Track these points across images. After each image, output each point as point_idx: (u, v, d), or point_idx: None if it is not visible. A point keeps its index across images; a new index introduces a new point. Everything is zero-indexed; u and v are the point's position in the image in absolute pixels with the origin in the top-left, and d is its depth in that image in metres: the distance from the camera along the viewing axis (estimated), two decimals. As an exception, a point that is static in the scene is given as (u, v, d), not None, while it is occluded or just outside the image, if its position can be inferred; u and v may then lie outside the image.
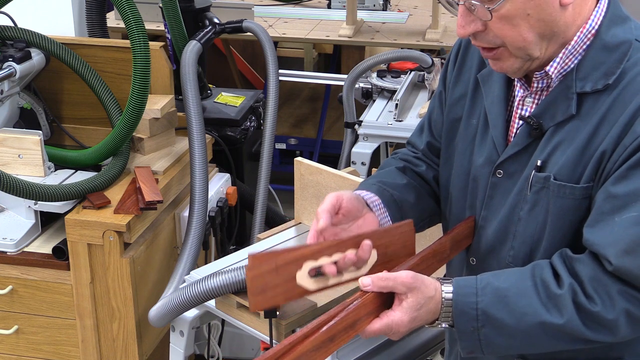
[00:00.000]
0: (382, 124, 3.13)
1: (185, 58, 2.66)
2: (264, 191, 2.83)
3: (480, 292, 1.41)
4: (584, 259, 1.41)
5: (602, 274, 1.38)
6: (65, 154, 2.56)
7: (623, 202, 1.36)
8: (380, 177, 1.67)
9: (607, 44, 1.42)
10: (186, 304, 2.10)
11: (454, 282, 1.44)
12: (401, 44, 3.81)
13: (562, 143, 1.44)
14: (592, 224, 1.41)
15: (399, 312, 1.39)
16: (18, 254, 2.37)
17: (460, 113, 1.62)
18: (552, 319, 1.39)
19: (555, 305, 1.39)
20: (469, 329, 1.42)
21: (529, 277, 1.42)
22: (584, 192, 1.42)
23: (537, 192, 1.46)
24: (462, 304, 1.41)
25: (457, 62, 1.65)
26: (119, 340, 2.40)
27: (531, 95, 1.50)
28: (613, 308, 1.38)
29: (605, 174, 1.40)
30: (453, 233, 1.57)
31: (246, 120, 3.03)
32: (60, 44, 2.63)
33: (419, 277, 1.41)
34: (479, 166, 1.56)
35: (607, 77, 1.41)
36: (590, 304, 1.38)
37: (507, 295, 1.41)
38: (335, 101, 4.19)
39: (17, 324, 2.45)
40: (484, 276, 1.45)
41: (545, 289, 1.40)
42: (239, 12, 3.73)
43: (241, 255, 2.29)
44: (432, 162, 1.73)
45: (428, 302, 1.40)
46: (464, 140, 1.60)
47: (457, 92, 1.63)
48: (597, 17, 1.44)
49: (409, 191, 1.65)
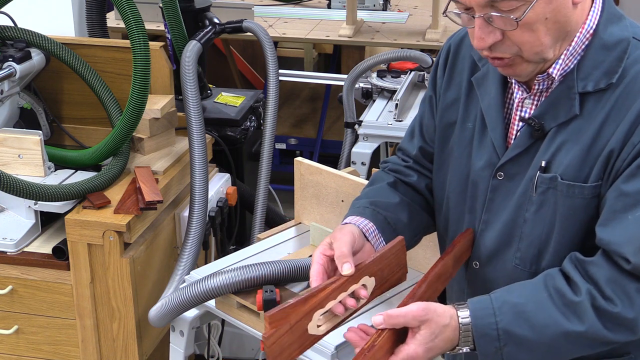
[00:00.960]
0: (382, 124, 3.13)
1: (185, 58, 2.66)
2: (264, 191, 2.83)
3: (497, 311, 1.40)
4: (597, 262, 1.40)
5: (618, 274, 1.38)
6: (65, 154, 2.56)
7: (635, 199, 1.37)
8: (372, 196, 1.64)
9: (606, 43, 1.42)
10: (186, 304, 2.10)
11: (470, 306, 1.42)
12: (401, 44, 3.81)
13: (566, 143, 1.43)
14: (605, 222, 1.40)
15: (413, 345, 1.37)
16: (18, 254, 2.37)
17: (454, 117, 1.61)
18: (574, 327, 1.38)
19: (575, 313, 1.38)
20: (492, 350, 1.40)
21: (543, 289, 1.41)
22: (593, 191, 1.42)
23: (543, 192, 1.45)
24: (482, 326, 1.40)
25: (448, 66, 1.64)
26: (119, 340, 2.40)
27: (530, 97, 1.49)
28: (632, 307, 1.37)
29: (614, 172, 1.40)
30: (454, 250, 1.56)
31: (246, 120, 3.03)
32: (60, 44, 2.63)
33: (431, 308, 1.39)
34: (478, 169, 1.55)
35: (610, 76, 1.41)
36: (610, 305, 1.37)
37: (526, 311, 1.40)
38: (335, 101, 4.19)
39: (17, 324, 2.45)
40: (498, 294, 1.44)
41: (562, 298, 1.40)
42: (239, 12, 3.73)
43: (241, 255, 2.30)
44: (424, 168, 1.71)
45: (443, 331, 1.39)
46: (460, 144, 1.59)
47: (450, 97, 1.62)
48: (594, 17, 1.44)
49: (402, 210, 1.63)
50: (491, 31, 1.39)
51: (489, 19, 1.38)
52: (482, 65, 1.57)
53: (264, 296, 1.94)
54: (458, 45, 1.63)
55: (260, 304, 1.94)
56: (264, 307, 1.94)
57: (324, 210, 2.31)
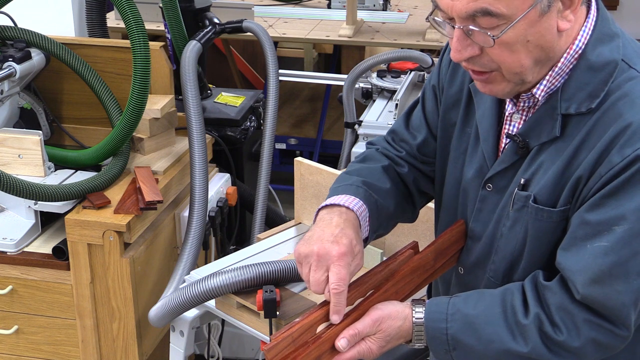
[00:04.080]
0: (382, 124, 3.13)
1: (185, 58, 2.66)
2: (264, 191, 2.83)
3: (450, 317, 1.44)
4: (553, 287, 1.41)
5: (569, 303, 1.39)
6: (65, 154, 2.56)
7: (595, 230, 1.36)
8: (364, 176, 1.62)
9: (593, 65, 1.39)
10: (186, 304, 2.10)
11: (427, 306, 1.47)
12: (401, 44, 3.81)
13: (545, 163, 1.43)
14: (565, 247, 1.41)
15: (369, 343, 1.44)
16: (18, 254, 2.37)
17: (454, 119, 1.60)
18: (518, 347, 1.40)
19: (521, 334, 1.41)
20: (442, 350, 1.46)
21: (499, 304, 1.44)
22: (561, 215, 1.42)
23: (518, 209, 1.46)
24: (433, 329, 1.45)
25: (452, 61, 1.63)
26: (119, 340, 2.41)
27: (518, 112, 1.48)
28: (578, 337, 1.38)
29: (581, 199, 1.39)
30: (437, 243, 1.57)
31: (246, 120, 3.03)
32: (60, 44, 2.63)
33: (385, 312, 1.44)
34: (469, 179, 1.55)
35: (592, 99, 1.38)
36: (556, 332, 1.39)
37: (475, 323, 1.43)
38: (335, 101, 4.19)
39: (17, 324, 2.45)
40: (455, 300, 1.47)
41: (514, 316, 1.42)
42: (239, 12, 3.73)
43: (241, 255, 2.30)
44: (418, 161, 1.69)
45: (397, 331, 1.45)
46: (457, 149, 1.59)
47: (452, 93, 1.61)
48: (584, 37, 1.40)
49: (391, 197, 1.63)
50: (469, 44, 1.37)
51: (469, 32, 1.35)
52: None
53: (264, 296, 1.94)
54: None
55: (260, 304, 1.94)
56: (264, 308, 1.94)
57: (324, 210, 2.31)
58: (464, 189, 1.57)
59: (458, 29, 1.36)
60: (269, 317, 1.94)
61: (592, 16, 1.42)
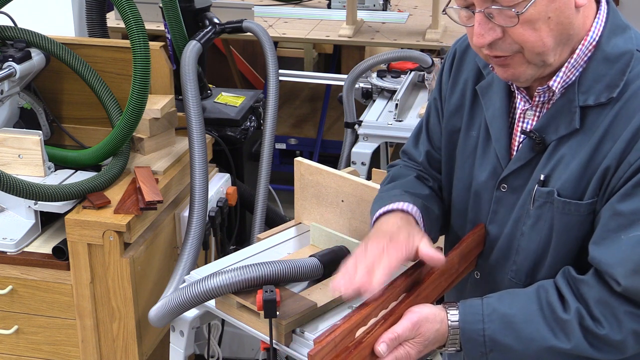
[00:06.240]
0: (382, 124, 3.13)
1: (185, 58, 2.66)
2: (264, 191, 2.83)
3: (486, 318, 1.42)
4: (589, 281, 1.39)
5: (608, 296, 1.37)
6: (65, 154, 2.56)
7: (629, 220, 1.35)
8: (403, 187, 1.63)
9: (608, 56, 1.40)
10: (186, 304, 2.09)
11: (460, 308, 1.44)
12: (401, 44, 3.81)
13: (565, 157, 1.42)
14: (598, 241, 1.39)
15: (408, 347, 1.42)
16: (18, 254, 2.37)
17: (458, 125, 1.60)
18: (560, 343, 1.39)
19: (562, 330, 1.39)
20: (477, 353, 1.43)
21: (535, 301, 1.42)
22: (589, 208, 1.41)
23: (540, 206, 1.45)
24: (470, 331, 1.42)
25: (453, 71, 1.62)
26: (119, 340, 2.40)
27: (532, 109, 1.48)
28: (620, 330, 1.37)
29: (610, 189, 1.38)
30: (461, 247, 1.55)
31: (246, 120, 3.03)
32: (60, 44, 2.63)
33: (422, 315, 1.42)
34: (482, 181, 1.54)
35: (611, 90, 1.39)
36: (597, 327, 1.37)
37: (514, 322, 1.41)
38: (335, 101, 4.19)
39: (17, 324, 2.45)
40: (490, 300, 1.45)
41: (552, 313, 1.40)
42: (239, 12, 3.74)
43: (241, 255, 2.29)
44: (430, 175, 1.71)
45: (435, 335, 1.43)
46: (463, 153, 1.59)
47: (453, 103, 1.61)
48: (598, 29, 1.41)
49: (433, 201, 1.63)
50: (491, 28, 1.37)
51: (490, 15, 1.36)
52: (486, 74, 1.55)
53: (264, 296, 1.94)
54: (464, 51, 1.62)
55: (260, 304, 1.94)
56: (264, 308, 1.94)
57: (324, 210, 2.31)
58: (476, 193, 1.56)
59: (479, 13, 1.36)
60: (269, 317, 1.94)
61: (603, 9, 1.43)
